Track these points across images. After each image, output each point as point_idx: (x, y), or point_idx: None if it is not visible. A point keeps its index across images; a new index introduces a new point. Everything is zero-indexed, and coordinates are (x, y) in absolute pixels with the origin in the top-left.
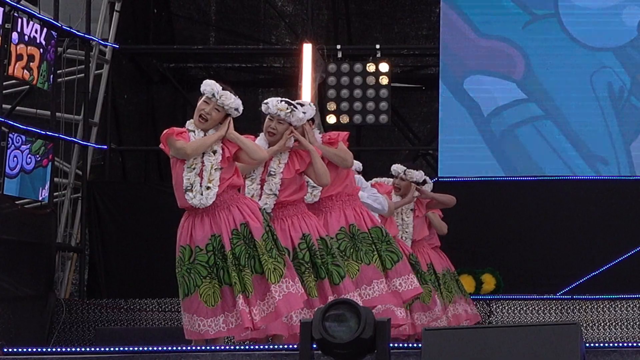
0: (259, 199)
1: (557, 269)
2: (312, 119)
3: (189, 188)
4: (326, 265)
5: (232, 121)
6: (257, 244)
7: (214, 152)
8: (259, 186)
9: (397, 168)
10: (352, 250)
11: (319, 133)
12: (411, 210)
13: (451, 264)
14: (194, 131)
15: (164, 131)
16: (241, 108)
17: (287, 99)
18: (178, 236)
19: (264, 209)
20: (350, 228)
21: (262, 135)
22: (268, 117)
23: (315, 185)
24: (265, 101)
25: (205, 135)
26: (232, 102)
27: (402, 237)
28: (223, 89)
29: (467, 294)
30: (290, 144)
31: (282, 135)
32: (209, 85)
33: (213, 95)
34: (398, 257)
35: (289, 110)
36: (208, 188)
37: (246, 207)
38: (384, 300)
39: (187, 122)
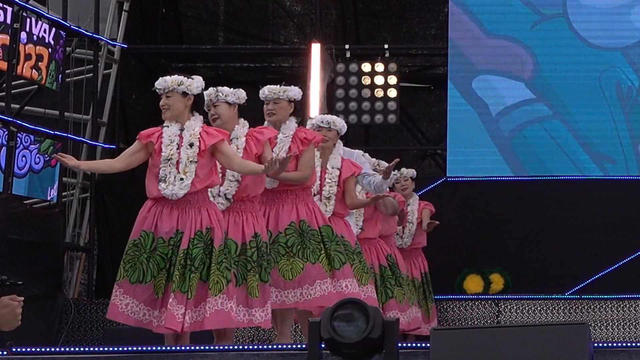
0: (220, 186)
1: (565, 269)
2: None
3: (163, 178)
4: (267, 269)
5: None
6: (214, 252)
7: (191, 145)
8: (221, 174)
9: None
10: (299, 247)
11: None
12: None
13: (426, 266)
14: (167, 126)
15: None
16: (203, 85)
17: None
18: (140, 219)
19: (225, 194)
20: (301, 224)
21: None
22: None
23: None
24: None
25: (177, 125)
26: (165, 80)
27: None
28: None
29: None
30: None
31: (224, 117)
32: (158, 83)
33: (164, 89)
34: (346, 258)
35: (215, 91)
36: (182, 179)
37: (215, 213)
38: (326, 301)
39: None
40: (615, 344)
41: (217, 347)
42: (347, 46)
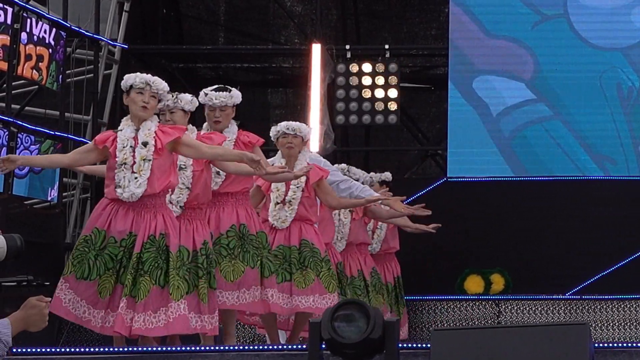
0: (171, 194)
1: (566, 269)
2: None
3: (118, 183)
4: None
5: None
6: (171, 256)
7: (145, 144)
8: None
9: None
10: (239, 250)
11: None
12: (350, 211)
13: (398, 270)
14: (121, 130)
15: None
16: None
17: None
18: (94, 216)
19: (177, 202)
20: (241, 228)
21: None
22: (160, 113)
23: (219, 172)
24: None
25: (131, 128)
26: (164, 85)
27: (337, 237)
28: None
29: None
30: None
31: (179, 124)
32: (137, 77)
33: (147, 83)
34: (275, 267)
35: (174, 97)
36: (136, 179)
37: (170, 220)
38: (251, 308)
39: (122, 121)
40: (615, 345)
41: (217, 348)
42: (347, 46)
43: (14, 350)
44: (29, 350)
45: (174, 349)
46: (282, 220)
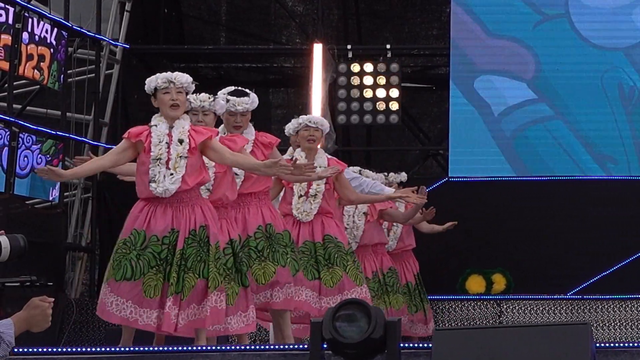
0: None
1: (567, 269)
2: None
3: (153, 178)
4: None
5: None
6: (211, 248)
7: (181, 142)
8: None
9: None
10: (269, 251)
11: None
12: (364, 213)
13: (417, 267)
14: (156, 125)
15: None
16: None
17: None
18: (131, 219)
19: None
20: (267, 227)
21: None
22: (191, 112)
23: (237, 173)
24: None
25: (165, 124)
26: (187, 77)
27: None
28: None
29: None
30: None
31: (210, 126)
32: (158, 78)
33: (169, 81)
34: (299, 265)
35: (211, 99)
36: (171, 174)
37: (208, 210)
38: (285, 305)
39: (153, 117)
40: (617, 345)
41: (218, 348)
42: (349, 46)
43: (16, 350)
44: (30, 350)
45: (174, 349)
46: (306, 213)
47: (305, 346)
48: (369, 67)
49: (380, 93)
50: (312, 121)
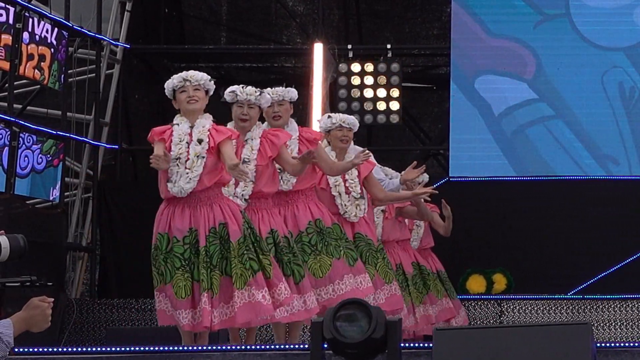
0: (235, 187)
1: (568, 269)
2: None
3: (170, 179)
4: (289, 263)
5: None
6: (232, 246)
7: (200, 141)
8: None
9: None
10: (322, 245)
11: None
12: (382, 211)
13: (440, 264)
14: (177, 124)
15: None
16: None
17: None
18: (156, 223)
19: (242, 194)
20: (317, 222)
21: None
22: (237, 104)
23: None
24: (230, 90)
25: (187, 124)
26: (202, 75)
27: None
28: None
29: (452, 293)
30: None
31: (254, 120)
32: (173, 79)
33: (184, 79)
34: (357, 255)
35: (258, 93)
36: (187, 174)
37: (228, 208)
38: (353, 295)
39: (175, 117)
40: (618, 344)
41: (219, 347)
42: (349, 46)
43: (16, 350)
44: (31, 350)
45: (174, 348)
46: (354, 215)
47: (306, 346)
48: (369, 66)
49: (381, 93)
50: (346, 122)
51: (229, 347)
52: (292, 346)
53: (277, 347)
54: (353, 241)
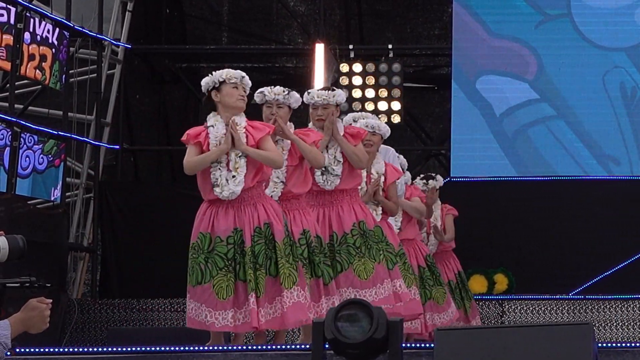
0: (265, 188)
1: (570, 269)
2: (337, 104)
3: (216, 183)
4: (320, 264)
5: (236, 133)
6: (277, 246)
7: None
8: None
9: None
10: (365, 248)
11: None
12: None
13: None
14: (212, 126)
15: (185, 133)
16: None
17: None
18: (197, 222)
19: (272, 195)
20: (360, 224)
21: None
22: (266, 104)
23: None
24: (259, 91)
25: (221, 124)
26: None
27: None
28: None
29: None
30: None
31: (284, 119)
32: (228, 72)
33: (242, 77)
34: (396, 259)
35: (286, 93)
36: (234, 176)
37: (271, 207)
38: (389, 301)
39: (208, 116)
40: (619, 345)
41: (220, 347)
42: (351, 46)
43: (17, 350)
44: (32, 350)
45: (175, 349)
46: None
47: (307, 346)
48: (371, 67)
49: (382, 93)
50: (370, 125)
51: (229, 348)
52: (293, 346)
53: (278, 347)
54: None
